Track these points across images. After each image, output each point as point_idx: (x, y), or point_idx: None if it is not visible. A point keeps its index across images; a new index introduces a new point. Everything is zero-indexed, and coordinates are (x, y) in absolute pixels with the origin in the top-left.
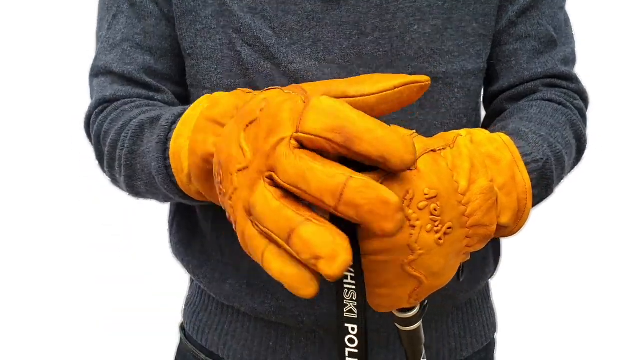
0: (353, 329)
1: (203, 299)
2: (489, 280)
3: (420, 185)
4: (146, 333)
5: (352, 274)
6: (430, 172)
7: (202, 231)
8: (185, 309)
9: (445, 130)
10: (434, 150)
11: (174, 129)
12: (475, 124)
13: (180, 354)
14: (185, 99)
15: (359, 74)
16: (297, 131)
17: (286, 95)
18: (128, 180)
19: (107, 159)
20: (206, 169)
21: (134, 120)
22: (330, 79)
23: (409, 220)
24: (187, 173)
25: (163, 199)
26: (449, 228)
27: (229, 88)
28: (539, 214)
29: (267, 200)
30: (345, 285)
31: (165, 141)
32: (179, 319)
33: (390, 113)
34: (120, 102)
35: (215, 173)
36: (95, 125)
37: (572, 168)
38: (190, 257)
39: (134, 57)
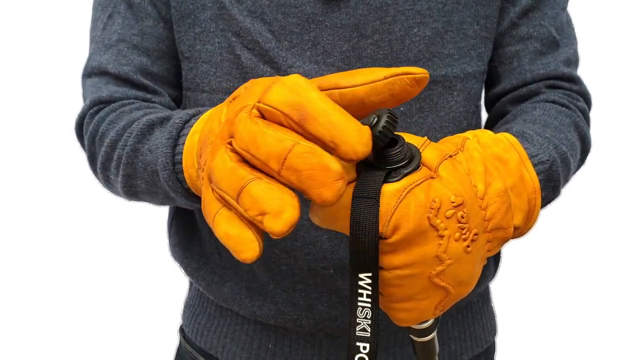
0: (365, 348)
1: (202, 301)
2: (489, 283)
3: (446, 193)
4: (145, 335)
5: (369, 292)
6: (453, 178)
7: (200, 234)
8: (184, 311)
9: (445, 134)
10: (450, 156)
11: (189, 126)
12: (475, 127)
13: (180, 356)
14: (181, 103)
15: None
16: (258, 101)
17: (275, 77)
18: (126, 179)
19: (101, 160)
20: None
21: (142, 120)
22: None
23: (437, 230)
24: (197, 168)
25: (162, 199)
26: (475, 234)
27: (227, 92)
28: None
29: (224, 162)
30: (359, 304)
31: (177, 137)
32: (178, 321)
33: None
34: (118, 103)
35: (197, 151)
36: (91, 126)
37: (576, 170)
38: (189, 259)
39: (130, 57)
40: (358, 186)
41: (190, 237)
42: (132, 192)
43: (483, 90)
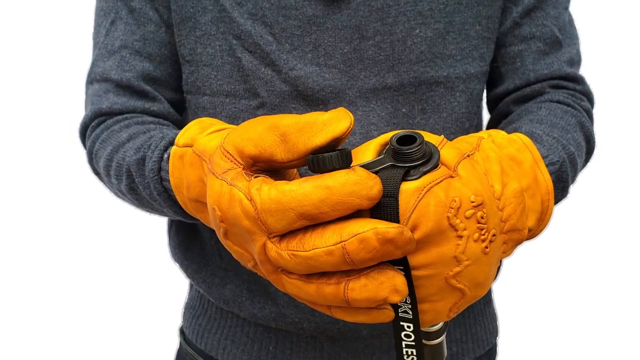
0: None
1: (202, 302)
2: (491, 284)
3: (466, 192)
4: (146, 336)
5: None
6: (473, 178)
7: (201, 235)
8: (184, 312)
9: (447, 135)
10: (468, 155)
11: (164, 169)
12: (477, 128)
13: (180, 357)
14: (182, 106)
15: (360, 79)
16: (270, 234)
17: (226, 188)
18: (137, 204)
19: (104, 179)
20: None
21: (125, 162)
22: (331, 84)
23: (456, 230)
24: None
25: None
26: (493, 235)
27: (229, 94)
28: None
29: (302, 288)
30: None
31: (162, 187)
32: (178, 322)
33: (390, 119)
34: (112, 120)
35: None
36: (89, 140)
37: (581, 170)
38: (189, 261)
39: (132, 64)
40: None
41: (191, 238)
42: (145, 210)
43: (484, 91)
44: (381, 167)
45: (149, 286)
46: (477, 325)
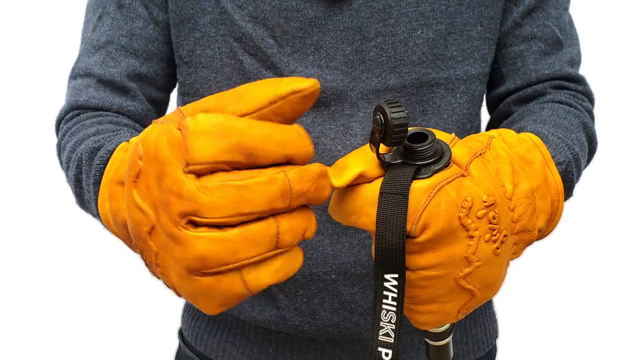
0: (387, 354)
1: None
2: None
3: (478, 192)
4: (145, 338)
5: (395, 294)
6: (485, 177)
7: None
8: (183, 314)
9: None
10: (480, 154)
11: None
12: (477, 129)
13: None
14: (164, 107)
15: (362, 80)
16: (187, 165)
17: (159, 127)
18: (80, 204)
19: (65, 173)
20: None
21: (81, 146)
22: (333, 85)
23: (467, 230)
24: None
25: None
26: (504, 236)
27: None
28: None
29: (219, 239)
30: (384, 306)
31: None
32: (177, 324)
33: None
34: (86, 114)
35: (134, 247)
36: (60, 132)
37: (584, 170)
38: None
39: (118, 60)
40: (386, 182)
41: None
42: (89, 213)
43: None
44: (391, 164)
45: (148, 287)
46: (477, 326)
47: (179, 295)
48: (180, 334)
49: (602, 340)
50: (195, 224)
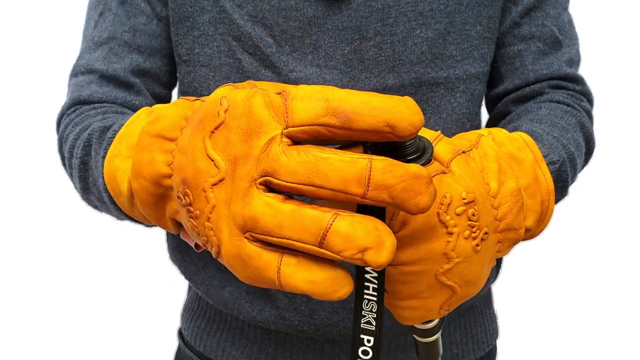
0: (369, 341)
1: (201, 304)
2: (491, 285)
3: (457, 189)
4: (144, 338)
5: (375, 285)
6: (465, 174)
7: None
8: (183, 314)
9: (448, 136)
10: (463, 152)
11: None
12: (477, 128)
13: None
14: (168, 103)
15: (361, 80)
16: (286, 127)
17: (249, 91)
18: (82, 193)
19: (67, 166)
20: (157, 193)
21: (89, 129)
22: (332, 85)
23: (446, 226)
24: (127, 196)
25: (117, 217)
26: (485, 234)
27: None
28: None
29: (274, 207)
30: (365, 296)
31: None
32: (177, 324)
33: None
34: (90, 107)
35: (180, 195)
36: (61, 127)
37: (580, 170)
38: (188, 263)
39: (121, 55)
40: None
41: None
42: (91, 205)
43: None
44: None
45: (148, 288)
46: (477, 326)
47: (217, 257)
48: (180, 333)
49: (602, 340)
50: (269, 188)
